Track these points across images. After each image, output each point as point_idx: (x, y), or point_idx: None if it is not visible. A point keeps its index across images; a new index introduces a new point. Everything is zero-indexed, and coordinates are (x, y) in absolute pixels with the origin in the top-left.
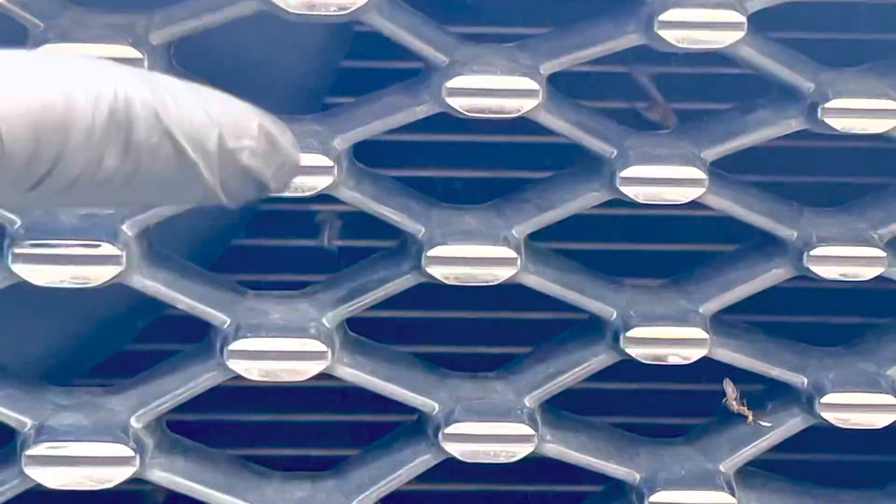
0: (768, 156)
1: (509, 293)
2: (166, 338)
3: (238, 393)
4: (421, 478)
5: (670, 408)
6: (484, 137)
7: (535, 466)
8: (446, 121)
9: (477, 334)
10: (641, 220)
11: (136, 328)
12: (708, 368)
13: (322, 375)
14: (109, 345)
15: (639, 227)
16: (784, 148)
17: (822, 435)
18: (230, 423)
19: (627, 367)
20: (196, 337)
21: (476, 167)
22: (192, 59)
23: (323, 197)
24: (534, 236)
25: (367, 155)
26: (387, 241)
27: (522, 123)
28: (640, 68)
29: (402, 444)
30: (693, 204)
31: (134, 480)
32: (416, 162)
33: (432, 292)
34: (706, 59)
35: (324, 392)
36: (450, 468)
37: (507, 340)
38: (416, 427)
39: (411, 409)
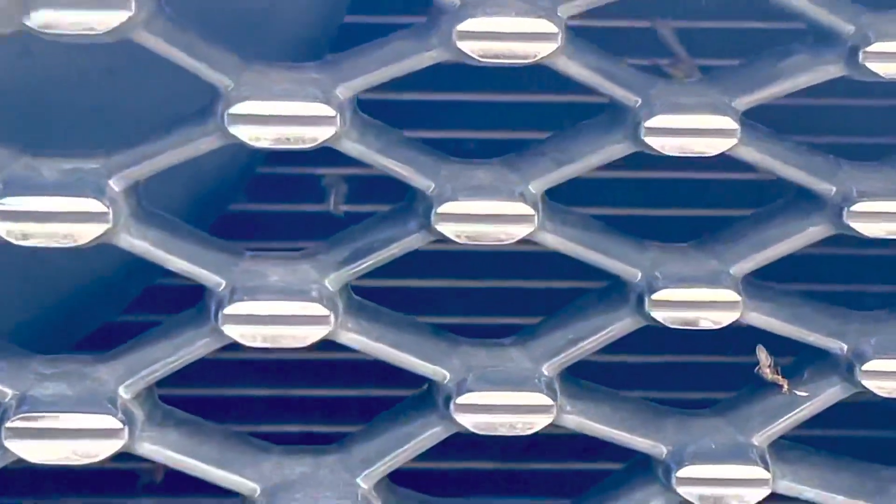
0: (801, 115)
1: (524, 260)
2: (161, 308)
3: (237, 367)
4: (430, 455)
5: (694, 382)
6: (498, 96)
7: (552, 443)
8: (458, 78)
9: (489, 304)
10: (664, 183)
11: (126, 296)
12: (735, 339)
13: (327, 347)
14: (98, 314)
15: (661, 191)
16: (816, 107)
17: (859, 409)
18: (229, 399)
19: (648, 339)
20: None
21: (489, 128)
22: (188, 5)
23: (329, 160)
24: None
25: (373, 115)
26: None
27: (540, 80)
28: (663, 22)
29: (411, 416)
30: (720, 164)
31: (130, 457)
32: (426, 122)
33: (442, 259)
34: (732, 13)
35: (329, 365)
36: (460, 444)
37: (521, 311)
38: (426, 397)
39: (422, 383)
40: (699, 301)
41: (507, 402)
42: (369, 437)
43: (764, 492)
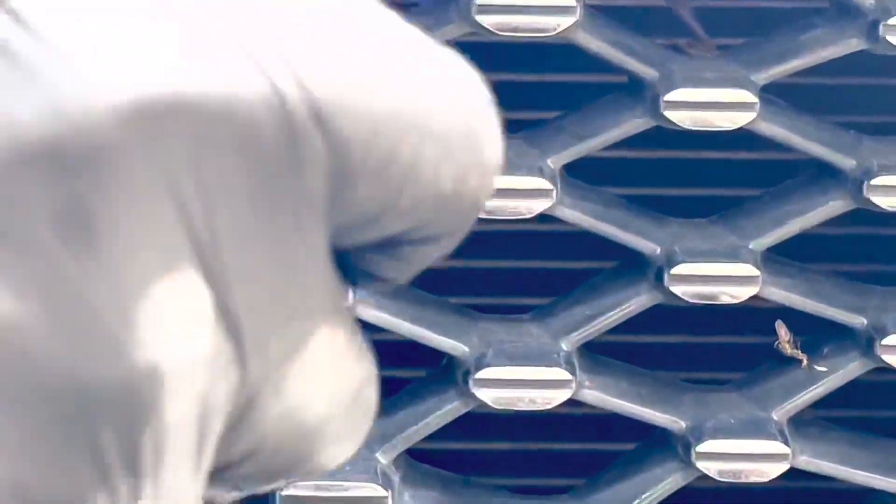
0: (818, 94)
1: (540, 241)
2: None
3: None
4: (446, 436)
5: (709, 362)
6: (515, 76)
7: (566, 424)
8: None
9: (506, 285)
10: (682, 163)
11: None
12: (750, 319)
13: None
14: None
15: (679, 171)
16: (834, 86)
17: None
18: None
19: (664, 319)
20: None
21: (508, 108)
22: None
23: None
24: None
25: None
26: None
27: (554, 60)
28: (681, 1)
29: (429, 392)
30: (736, 143)
31: None
32: None
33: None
34: None
35: None
36: (474, 426)
37: (538, 291)
38: (444, 373)
39: (439, 362)
40: (718, 276)
41: (526, 377)
42: (387, 413)
43: (783, 467)
